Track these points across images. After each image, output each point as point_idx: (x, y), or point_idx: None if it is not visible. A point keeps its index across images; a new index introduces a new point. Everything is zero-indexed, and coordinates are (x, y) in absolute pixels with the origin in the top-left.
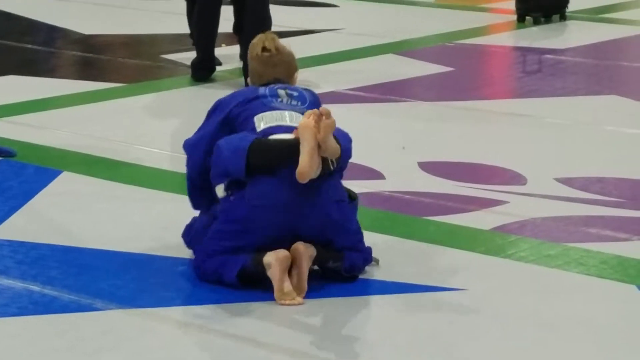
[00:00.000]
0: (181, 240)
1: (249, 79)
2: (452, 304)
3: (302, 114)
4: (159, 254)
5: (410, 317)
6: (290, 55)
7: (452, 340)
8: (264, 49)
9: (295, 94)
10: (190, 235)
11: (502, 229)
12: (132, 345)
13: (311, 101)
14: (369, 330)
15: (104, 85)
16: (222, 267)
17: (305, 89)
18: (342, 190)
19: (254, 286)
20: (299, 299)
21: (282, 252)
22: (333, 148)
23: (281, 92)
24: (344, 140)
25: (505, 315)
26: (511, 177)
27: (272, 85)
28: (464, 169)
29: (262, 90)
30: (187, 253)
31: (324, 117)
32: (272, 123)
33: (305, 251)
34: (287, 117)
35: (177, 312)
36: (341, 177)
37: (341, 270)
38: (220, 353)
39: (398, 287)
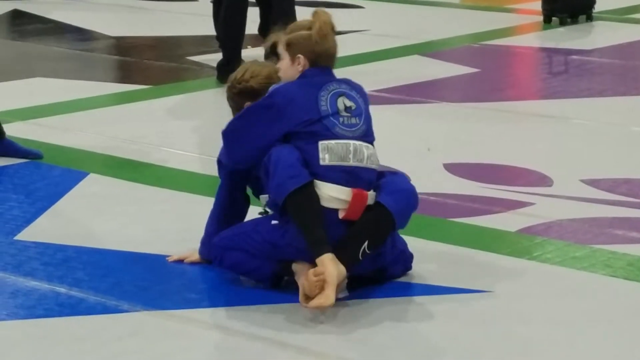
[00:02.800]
0: None
1: (298, 57)
2: (477, 306)
3: (363, 139)
4: None
5: (434, 319)
6: None
7: (477, 342)
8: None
9: (353, 106)
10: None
11: (528, 231)
12: (158, 347)
13: (365, 110)
14: (393, 333)
15: (130, 87)
16: (248, 265)
17: (357, 91)
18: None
19: (281, 287)
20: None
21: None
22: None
23: (340, 105)
24: (400, 203)
25: (531, 318)
26: (537, 179)
27: (330, 89)
28: (489, 171)
29: (323, 104)
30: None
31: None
32: (336, 162)
33: (340, 269)
34: (351, 155)
35: (202, 314)
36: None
37: (380, 279)
38: (246, 355)
39: (423, 289)
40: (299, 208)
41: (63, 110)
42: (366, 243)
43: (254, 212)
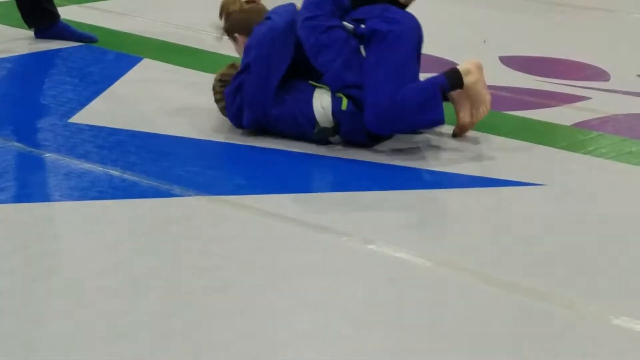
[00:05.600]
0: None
1: None
2: (531, 198)
3: None
4: (236, 142)
5: (488, 210)
6: None
7: (530, 234)
8: None
9: None
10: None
11: (583, 125)
12: (211, 232)
13: None
14: (447, 223)
15: None
16: (426, 94)
17: None
18: None
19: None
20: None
21: (476, 59)
22: None
23: None
24: None
25: (585, 212)
26: (594, 73)
27: None
28: (546, 64)
29: None
30: (263, 142)
31: None
32: None
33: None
34: None
35: (254, 200)
36: None
37: None
38: (296, 241)
39: (477, 180)
40: None
41: None
42: None
43: None
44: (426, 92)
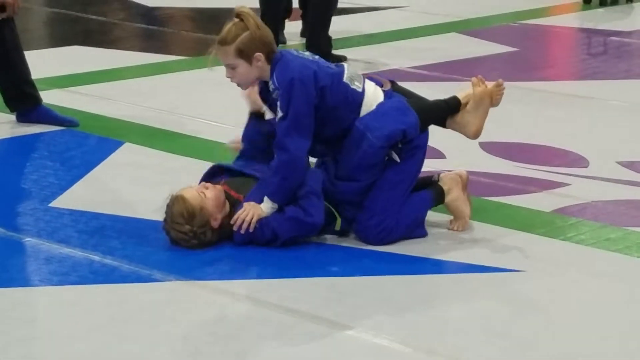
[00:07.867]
0: None
1: (256, 55)
2: (510, 285)
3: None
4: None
5: (467, 297)
6: None
7: (508, 320)
8: None
9: None
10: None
11: (562, 211)
12: (190, 317)
13: None
14: (426, 309)
15: (166, 57)
16: (416, 216)
17: None
18: None
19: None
20: None
21: (453, 173)
22: None
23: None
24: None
25: (564, 298)
26: (573, 160)
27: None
28: (525, 150)
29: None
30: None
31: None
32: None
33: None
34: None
35: (235, 285)
36: None
37: None
38: (277, 327)
39: (456, 267)
40: (427, 110)
41: (99, 79)
42: None
43: None
44: (415, 215)
